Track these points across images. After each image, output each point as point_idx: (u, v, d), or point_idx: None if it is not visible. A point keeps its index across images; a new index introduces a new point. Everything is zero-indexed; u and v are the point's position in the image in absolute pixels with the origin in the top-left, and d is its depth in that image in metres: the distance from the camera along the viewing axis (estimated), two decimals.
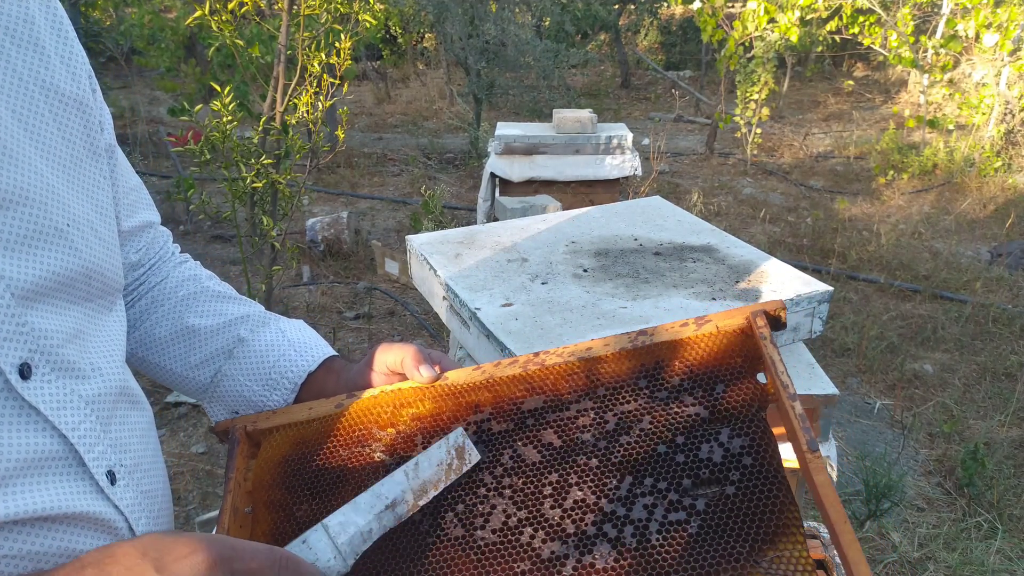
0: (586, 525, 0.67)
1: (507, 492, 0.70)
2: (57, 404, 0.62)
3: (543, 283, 1.58)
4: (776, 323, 0.75)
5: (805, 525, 1.15)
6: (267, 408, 0.84)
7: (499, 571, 0.67)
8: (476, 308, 1.48)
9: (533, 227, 1.89)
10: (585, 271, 1.64)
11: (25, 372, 0.60)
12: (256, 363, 0.85)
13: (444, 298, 1.65)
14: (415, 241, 1.77)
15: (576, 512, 0.68)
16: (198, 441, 3.24)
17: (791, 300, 1.54)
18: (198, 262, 0.97)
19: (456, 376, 0.77)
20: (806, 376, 1.51)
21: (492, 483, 0.71)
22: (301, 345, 0.86)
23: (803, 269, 3.43)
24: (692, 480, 0.68)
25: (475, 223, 4.51)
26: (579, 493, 0.69)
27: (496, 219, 4.13)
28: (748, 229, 5.67)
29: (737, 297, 1.53)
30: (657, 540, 0.65)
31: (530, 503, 0.69)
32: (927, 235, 5.67)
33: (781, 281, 1.61)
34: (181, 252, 0.97)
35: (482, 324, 1.44)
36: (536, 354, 0.76)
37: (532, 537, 0.68)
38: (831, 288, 1.58)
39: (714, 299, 1.53)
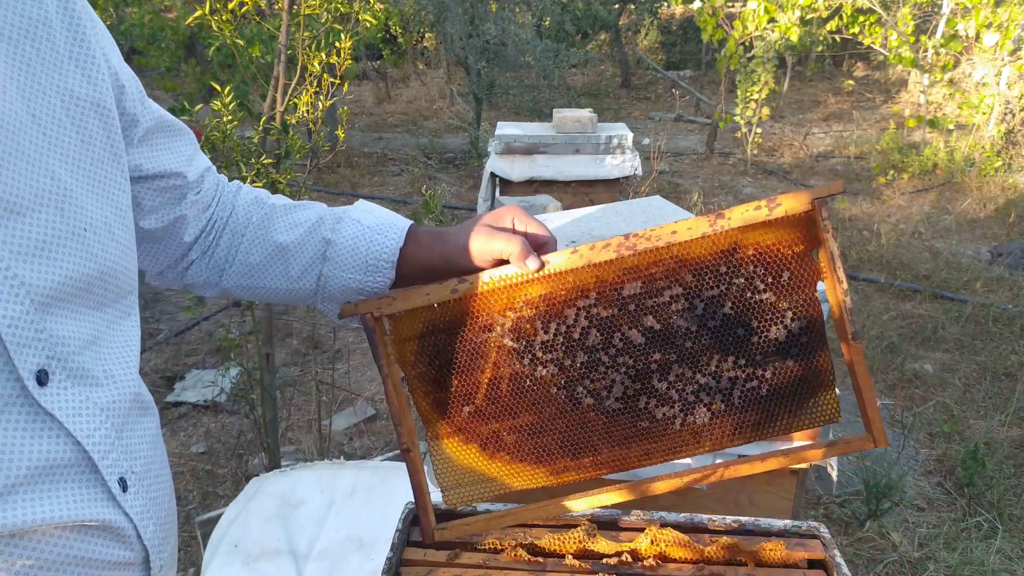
0: (686, 394, 0.87)
1: (622, 369, 0.87)
2: (73, 411, 0.62)
3: None
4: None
5: (805, 524, 1.15)
6: (374, 290, 0.91)
7: (625, 429, 0.88)
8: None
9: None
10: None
11: (42, 379, 0.60)
12: (350, 257, 0.90)
13: None
14: None
15: (678, 384, 0.87)
16: (198, 441, 3.24)
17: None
18: (244, 184, 1.00)
19: (558, 261, 0.85)
20: None
21: (609, 362, 0.87)
22: (381, 227, 0.90)
23: None
24: (762, 355, 0.86)
25: None
26: (679, 369, 0.87)
27: None
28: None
29: None
30: (739, 402, 0.87)
31: (642, 378, 0.87)
32: (927, 235, 5.67)
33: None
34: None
35: None
36: (627, 237, 0.85)
37: (647, 403, 0.87)
38: None
39: None
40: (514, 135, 4.35)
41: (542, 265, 0.84)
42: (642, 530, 1.04)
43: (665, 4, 12.44)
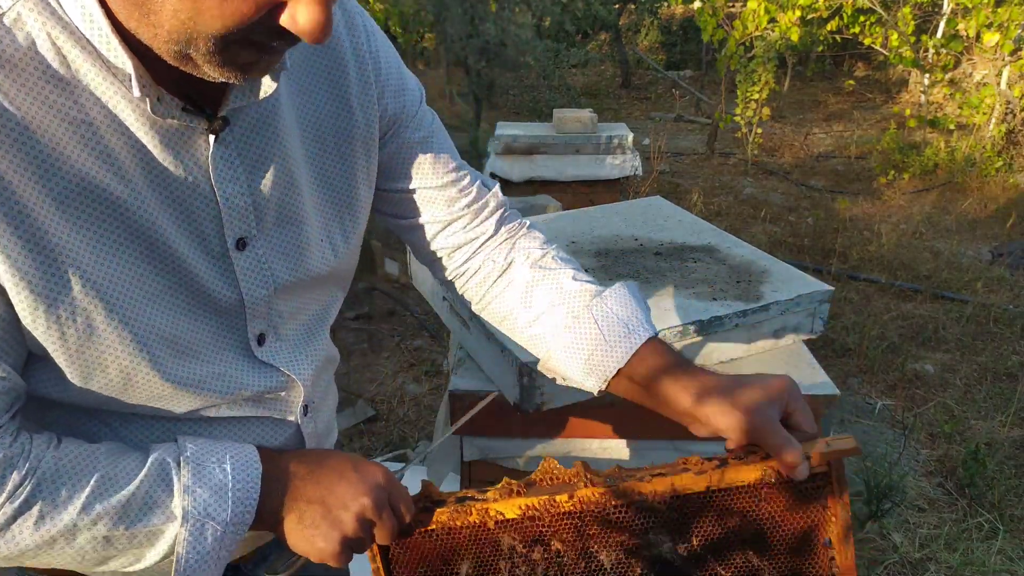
0: None
1: None
2: (285, 360, 0.85)
3: None
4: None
5: None
6: (582, 386, 0.94)
7: None
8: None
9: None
10: (585, 271, 1.63)
11: (261, 340, 0.83)
12: (572, 355, 0.93)
13: (444, 298, 1.64)
14: None
15: None
16: None
17: (792, 300, 1.53)
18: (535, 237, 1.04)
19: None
20: (807, 376, 1.51)
21: None
22: (615, 337, 0.90)
23: (804, 269, 3.42)
24: None
25: None
26: None
27: None
28: (749, 229, 5.67)
29: (738, 297, 1.53)
30: None
31: None
32: (928, 235, 5.66)
33: (782, 281, 1.60)
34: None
35: (482, 324, 1.43)
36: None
37: None
38: (832, 288, 1.57)
39: (714, 299, 1.53)
40: (514, 135, 4.34)
41: (802, 472, 0.80)
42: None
43: (665, 4, 12.44)
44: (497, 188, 1.02)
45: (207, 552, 0.73)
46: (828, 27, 7.80)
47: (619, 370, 0.89)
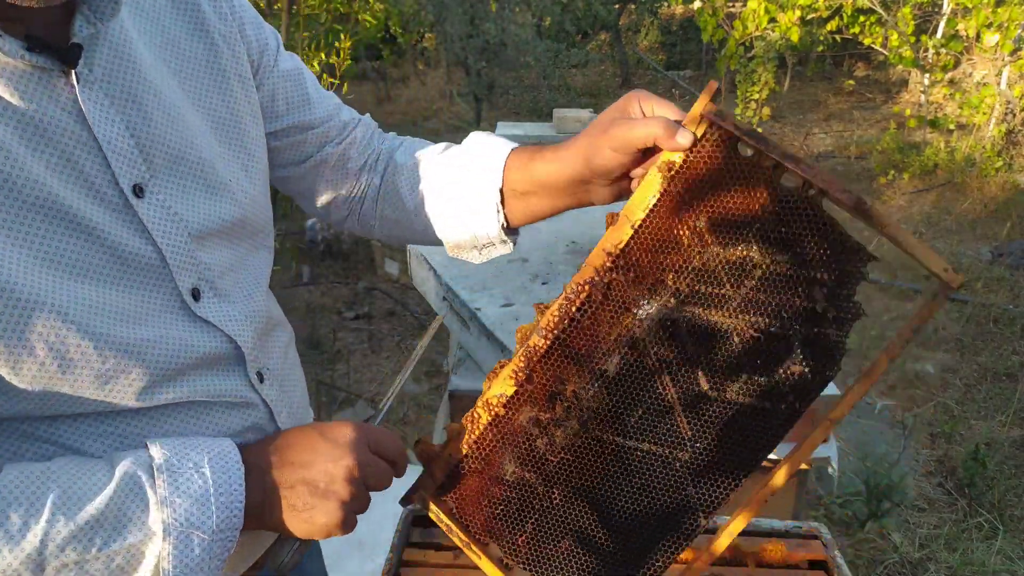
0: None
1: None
2: (224, 318, 0.80)
3: (543, 283, 1.58)
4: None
5: (805, 525, 1.15)
6: (491, 236, 0.97)
7: None
8: (476, 308, 1.48)
9: (533, 227, 1.88)
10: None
11: (196, 295, 0.78)
12: (455, 212, 0.96)
13: (444, 298, 1.64)
14: None
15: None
16: None
17: None
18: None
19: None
20: None
21: None
22: (481, 170, 0.94)
23: None
24: None
25: None
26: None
27: None
28: None
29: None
30: None
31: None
32: (928, 235, 5.66)
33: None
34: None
35: (482, 324, 1.43)
36: None
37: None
38: None
39: None
40: (514, 135, 4.34)
41: (694, 139, 0.73)
42: None
43: (665, 4, 12.44)
44: (367, 118, 1.08)
45: (195, 564, 0.69)
46: (828, 27, 7.81)
47: (500, 189, 0.92)
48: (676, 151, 0.73)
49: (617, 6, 11.56)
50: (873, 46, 7.72)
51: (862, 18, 7.36)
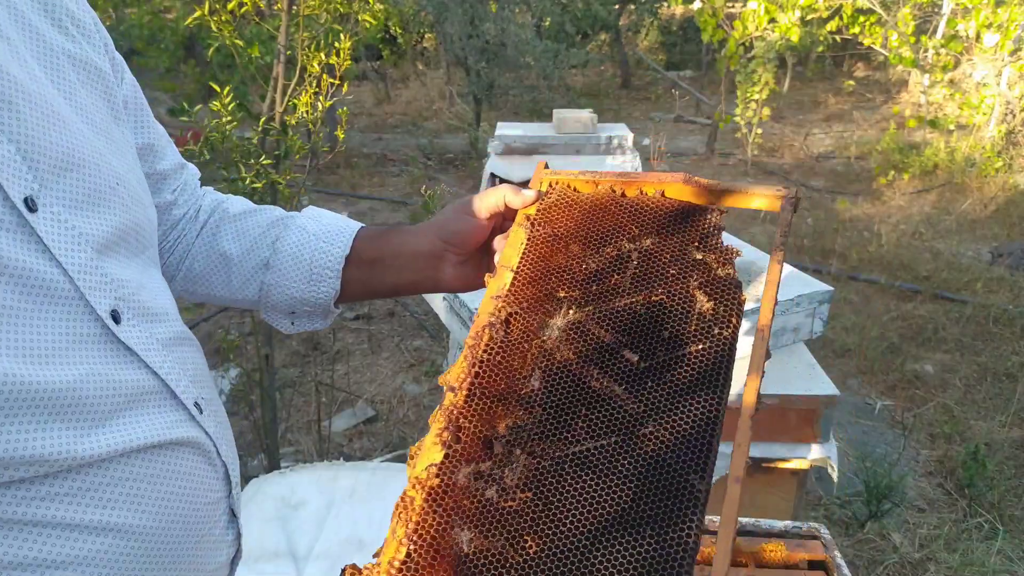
0: None
1: None
2: (145, 345, 0.70)
3: None
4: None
5: (805, 525, 1.15)
6: (319, 301, 0.91)
7: None
8: (476, 308, 1.48)
9: None
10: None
11: (116, 317, 0.67)
12: (293, 267, 0.90)
13: (444, 298, 1.64)
14: None
15: None
16: None
17: (792, 300, 1.53)
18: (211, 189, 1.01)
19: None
20: (806, 376, 1.51)
21: None
22: (327, 234, 0.91)
23: (803, 269, 3.42)
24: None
25: None
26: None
27: None
28: (748, 229, 5.67)
29: None
30: None
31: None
32: (928, 235, 5.66)
33: (781, 281, 1.60)
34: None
35: None
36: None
37: None
38: (832, 288, 1.57)
39: None
40: (514, 135, 4.35)
41: (539, 193, 0.87)
42: None
43: (665, 4, 12.44)
44: (192, 166, 0.99)
45: None
46: (828, 27, 7.81)
47: (347, 257, 0.90)
48: (525, 205, 0.85)
49: (617, 6, 11.56)
50: (873, 46, 7.71)
51: (862, 18, 7.36)
